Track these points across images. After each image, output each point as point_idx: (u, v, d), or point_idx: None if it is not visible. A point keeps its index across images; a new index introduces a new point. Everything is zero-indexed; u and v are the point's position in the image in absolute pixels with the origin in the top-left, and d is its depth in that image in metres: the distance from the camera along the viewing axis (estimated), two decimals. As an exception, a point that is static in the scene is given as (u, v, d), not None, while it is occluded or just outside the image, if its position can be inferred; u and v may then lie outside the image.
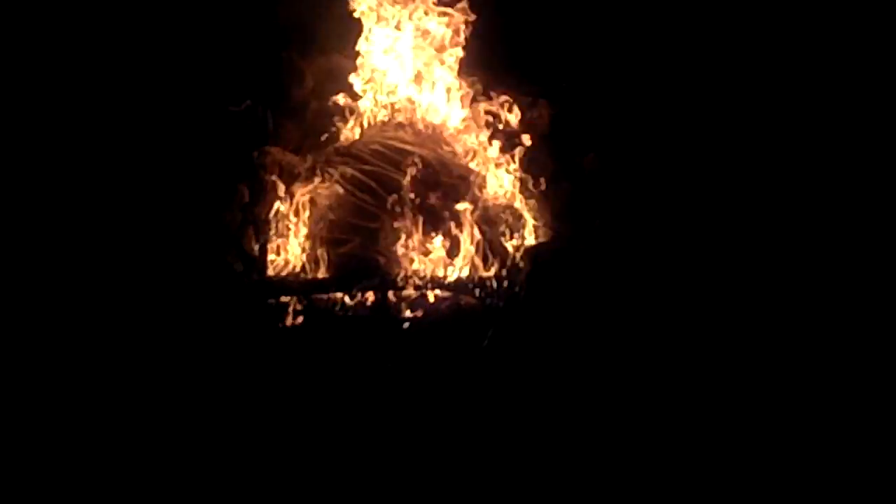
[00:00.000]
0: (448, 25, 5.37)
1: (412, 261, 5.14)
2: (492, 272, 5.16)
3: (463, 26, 5.36)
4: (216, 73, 5.39)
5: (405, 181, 5.14)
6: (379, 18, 5.38)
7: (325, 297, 5.12)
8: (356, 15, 5.41)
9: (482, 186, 5.28)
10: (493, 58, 5.39)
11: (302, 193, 5.23)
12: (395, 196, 5.13)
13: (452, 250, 5.17)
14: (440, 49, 5.38)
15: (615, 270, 5.01)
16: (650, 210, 5.13)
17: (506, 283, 5.12)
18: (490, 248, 5.19)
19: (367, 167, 5.21)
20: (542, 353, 4.85)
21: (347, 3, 5.40)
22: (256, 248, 5.23)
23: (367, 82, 5.44)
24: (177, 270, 5.07)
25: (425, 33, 5.40)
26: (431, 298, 5.13)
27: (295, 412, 4.71)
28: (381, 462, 4.46)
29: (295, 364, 4.94)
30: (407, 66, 5.43)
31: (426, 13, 5.38)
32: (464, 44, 5.41)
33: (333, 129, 5.40)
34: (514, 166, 5.34)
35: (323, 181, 5.20)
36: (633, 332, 4.83)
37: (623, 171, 5.19)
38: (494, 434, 4.57)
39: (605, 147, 5.24)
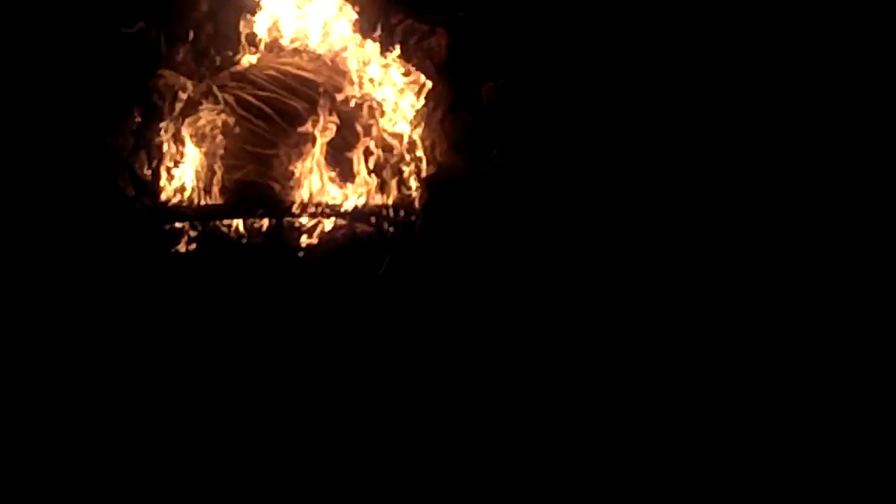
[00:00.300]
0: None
1: (307, 188, 5.10)
2: (388, 200, 5.15)
3: None
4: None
5: (301, 107, 5.08)
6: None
7: (219, 223, 5.08)
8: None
9: (379, 115, 5.23)
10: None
11: (195, 118, 5.13)
12: (290, 122, 5.06)
13: (348, 178, 5.15)
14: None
15: (510, 202, 5.04)
16: (548, 143, 5.13)
17: (402, 212, 5.13)
18: (386, 176, 5.18)
19: (262, 93, 5.14)
20: (437, 283, 4.89)
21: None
22: (149, 173, 5.12)
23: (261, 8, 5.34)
24: (67, 196, 4.98)
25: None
26: (327, 226, 5.12)
27: (190, 343, 4.71)
28: (275, 396, 4.49)
29: (189, 291, 4.92)
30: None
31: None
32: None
33: (228, 52, 5.27)
34: (412, 95, 5.29)
35: (217, 106, 5.11)
36: (526, 263, 4.89)
37: (523, 103, 5.16)
38: (387, 367, 4.63)
39: (505, 77, 5.19)
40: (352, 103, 5.21)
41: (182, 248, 5.04)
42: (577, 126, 5.11)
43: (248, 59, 5.30)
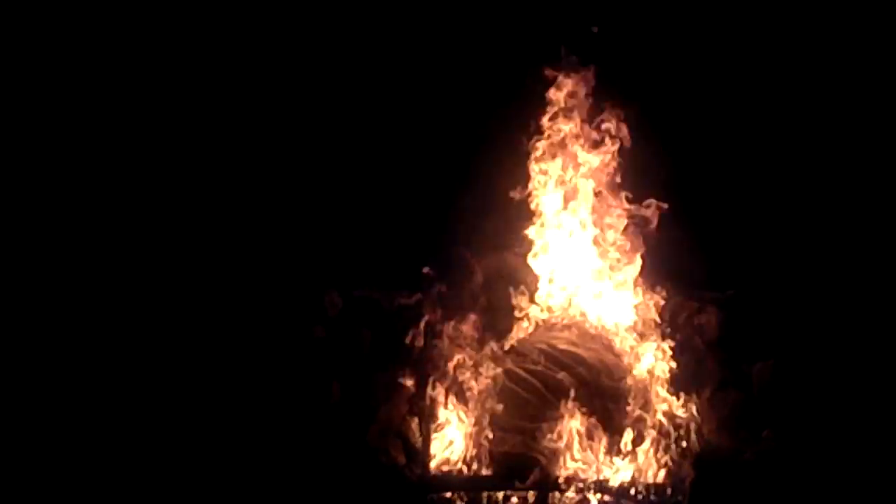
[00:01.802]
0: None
1: (575, 463, 5.11)
2: (656, 479, 5.11)
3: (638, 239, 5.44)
4: (392, 266, 5.53)
5: (568, 382, 5.15)
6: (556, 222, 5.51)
7: (487, 494, 5.12)
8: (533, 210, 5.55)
9: (647, 391, 5.25)
10: (665, 266, 5.40)
11: (468, 389, 5.26)
12: (559, 397, 5.14)
13: (616, 454, 5.14)
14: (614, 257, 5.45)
15: (780, 483, 4.93)
16: (818, 425, 5.05)
17: (669, 491, 5.06)
18: (654, 454, 5.15)
19: (532, 366, 5.25)
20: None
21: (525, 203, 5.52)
22: (419, 440, 5.24)
23: (536, 282, 5.51)
24: (345, 460, 5.15)
25: (600, 239, 5.49)
26: (594, 502, 5.09)
27: None
28: None
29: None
30: (580, 270, 5.49)
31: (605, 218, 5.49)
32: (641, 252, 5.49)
33: (502, 326, 5.42)
34: (682, 373, 5.31)
35: (489, 378, 5.23)
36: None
37: (792, 384, 5.12)
38: None
39: (776, 357, 5.17)
40: (618, 379, 5.22)
41: (450, 517, 5.09)
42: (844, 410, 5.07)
43: (520, 333, 5.40)
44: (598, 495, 5.11)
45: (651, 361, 5.34)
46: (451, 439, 5.29)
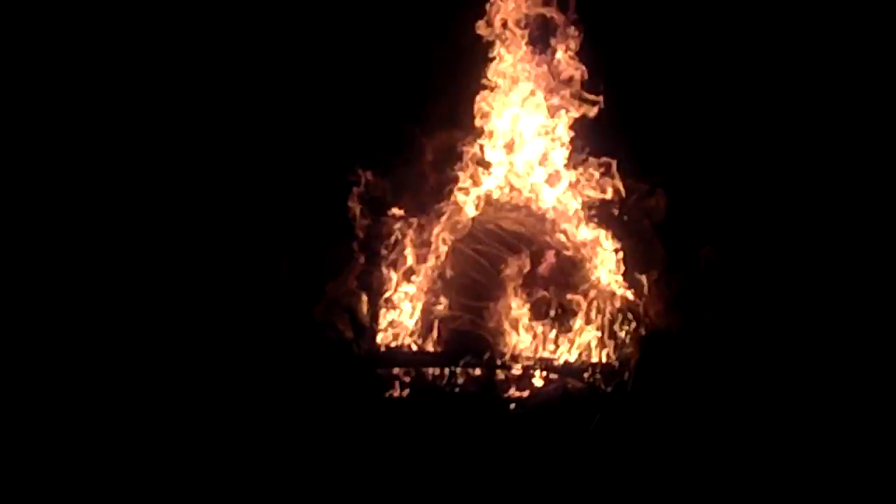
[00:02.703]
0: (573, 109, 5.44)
1: (521, 341, 5.14)
2: (601, 358, 5.16)
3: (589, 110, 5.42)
4: (339, 140, 5.47)
5: (519, 263, 5.16)
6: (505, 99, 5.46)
7: (433, 371, 5.14)
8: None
9: (594, 273, 5.28)
10: (615, 144, 5.40)
11: (416, 266, 5.25)
12: (506, 277, 5.15)
13: (562, 334, 5.18)
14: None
15: (723, 364, 5.01)
16: (763, 307, 5.12)
17: (614, 370, 5.12)
18: (600, 334, 5.19)
19: (481, 247, 5.24)
20: (647, 441, 4.84)
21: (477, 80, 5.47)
22: (367, 317, 5.23)
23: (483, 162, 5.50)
24: (288, 333, 5.12)
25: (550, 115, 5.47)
26: (539, 380, 5.14)
27: (397, 483, 4.72)
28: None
29: (399, 436, 4.96)
30: (528, 150, 5.47)
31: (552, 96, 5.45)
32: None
33: (452, 204, 5.40)
34: (629, 254, 5.34)
35: (437, 256, 5.22)
36: (738, 425, 4.83)
37: (739, 266, 5.18)
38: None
39: (722, 240, 5.23)
40: (567, 260, 5.24)
41: (395, 393, 5.08)
42: (793, 288, 5.14)
43: (468, 213, 5.38)
44: (544, 373, 5.15)
45: (599, 243, 5.36)
46: (399, 316, 5.27)
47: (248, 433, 4.75)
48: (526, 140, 5.48)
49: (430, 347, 5.21)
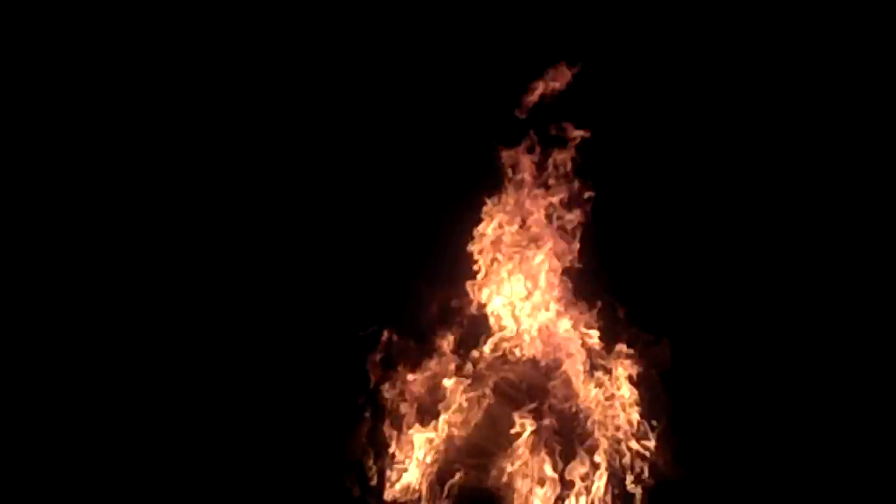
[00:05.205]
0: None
1: (530, 497, 5.12)
2: (611, 510, 5.12)
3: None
4: (347, 296, 5.62)
5: (521, 416, 5.19)
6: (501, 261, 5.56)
7: (440, 527, 5.14)
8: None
9: (602, 425, 5.27)
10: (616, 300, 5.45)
11: (423, 422, 5.29)
12: (513, 432, 5.18)
13: (569, 487, 5.15)
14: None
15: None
16: (769, 453, 5.10)
17: (625, 523, 5.08)
18: (610, 486, 5.15)
19: (486, 402, 5.28)
20: None
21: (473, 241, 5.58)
22: (375, 473, 5.27)
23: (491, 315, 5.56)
24: (298, 489, 5.19)
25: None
26: (548, 534, 5.10)
27: None
28: None
29: None
30: (528, 305, 5.54)
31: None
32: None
33: (457, 359, 5.46)
34: (635, 406, 5.32)
35: (445, 413, 5.27)
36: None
37: (738, 409, 5.19)
38: None
39: (727, 387, 5.23)
40: (574, 413, 5.26)
41: (405, 550, 5.09)
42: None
43: (473, 365, 5.44)
44: (554, 528, 5.12)
45: (607, 395, 5.36)
46: (408, 473, 5.29)
47: None
48: (528, 290, 5.54)
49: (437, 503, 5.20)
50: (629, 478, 5.22)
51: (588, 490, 5.17)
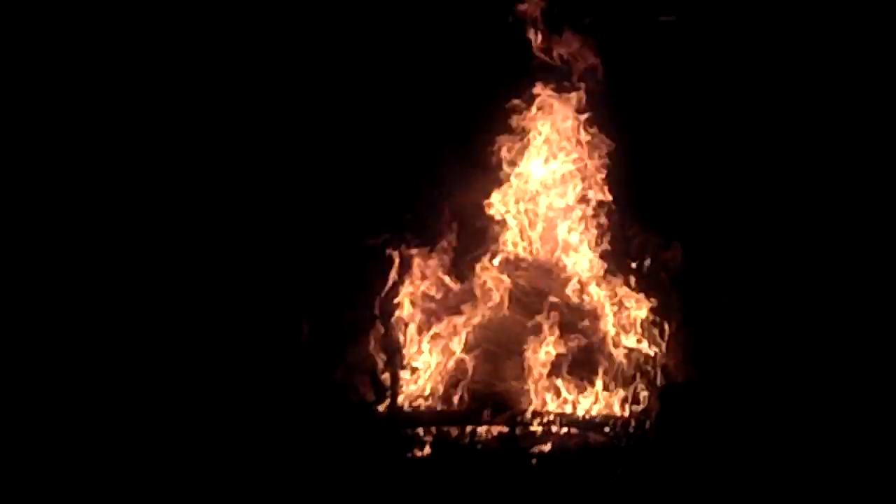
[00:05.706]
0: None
1: (542, 397, 5.17)
2: (622, 412, 5.17)
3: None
4: (356, 207, 5.61)
5: (536, 320, 5.23)
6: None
7: (454, 430, 5.18)
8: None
9: (613, 327, 5.31)
10: (629, 197, 5.46)
11: (437, 327, 5.34)
12: (525, 335, 5.22)
13: (583, 388, 5.20)
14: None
15: (745, 414, 4.98)
16: (781, 356, 5.11)
17: (635, 424, 5.12)
18: (620, 388, 5.21)
19: (497, 305, 5.32)
20: (669, 495, 4.82)
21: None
22: (388, 377, 5.31)
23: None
24: (309, 395, 5.21)
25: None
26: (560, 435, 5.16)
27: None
28: None
29: (422, 495, 4.99)
30: (545, 207, 5.57)
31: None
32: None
33: (471, 266, 5.48)
34: (646, 308, 5.36)
35: (457, 316, 5.30)
36: (760, 479, 4.79)
37: (753, 313, 5.19)
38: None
39: (739, 290, 5.25)
40: (586, 316, 5.28)
41: (417, 452, 5.13)
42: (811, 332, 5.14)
43: (486, 274, 5.46)
44: (565, 429, 5.17)
45: (616, 297, 5.40)
46: (420, 377, 5.34)
47: (273, 497, 4.82)
48: (542, 195, 5.56)
49: (450, 406, 5.24)
50: (638, 380, 5.25)
51: (598, 394, 5.23)
